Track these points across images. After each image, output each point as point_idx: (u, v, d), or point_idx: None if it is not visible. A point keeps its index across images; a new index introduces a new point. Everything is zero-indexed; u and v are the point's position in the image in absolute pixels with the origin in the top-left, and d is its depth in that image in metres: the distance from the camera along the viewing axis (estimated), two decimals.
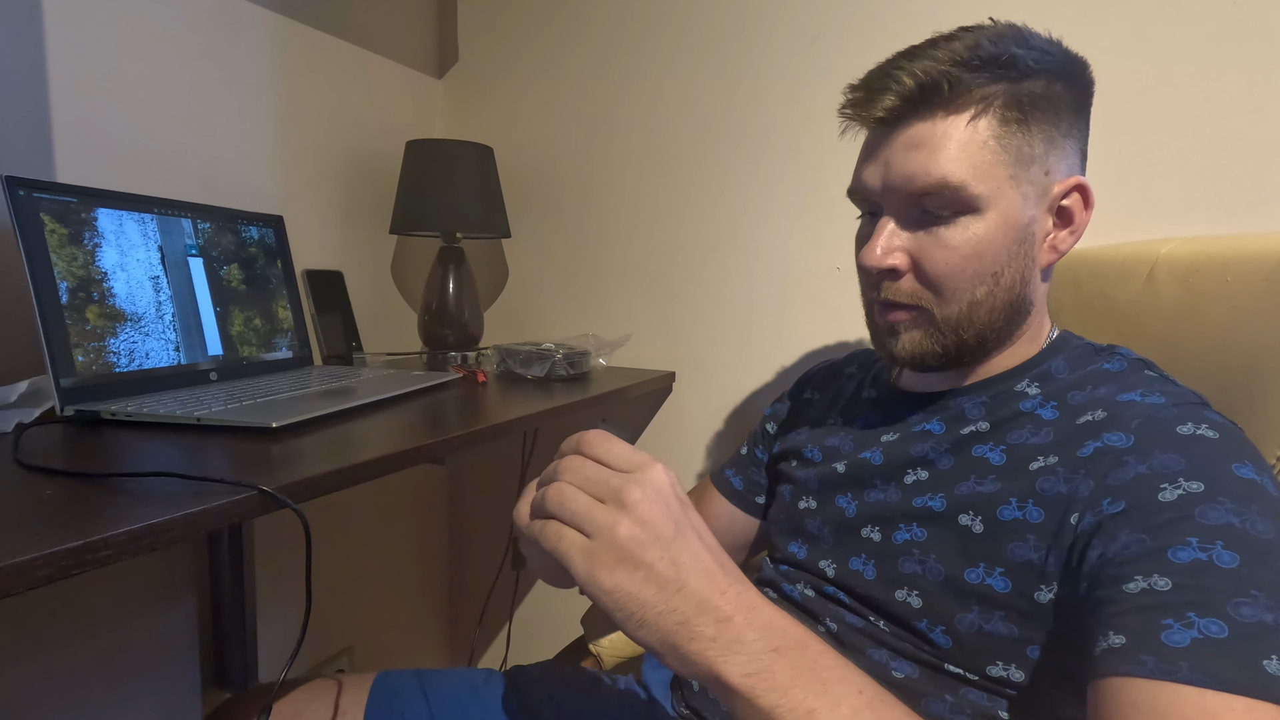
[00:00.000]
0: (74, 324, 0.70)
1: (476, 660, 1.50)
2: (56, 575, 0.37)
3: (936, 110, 0.52)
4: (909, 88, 0.51)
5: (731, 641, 0.36)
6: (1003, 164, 0.52)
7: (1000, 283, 0.54)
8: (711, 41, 1.15)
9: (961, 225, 0.53)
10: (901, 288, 0.56)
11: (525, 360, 1.06)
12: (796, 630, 0.38)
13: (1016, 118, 0.52)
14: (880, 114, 0.53)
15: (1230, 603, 0.38)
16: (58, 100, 0.83)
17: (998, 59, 0.51)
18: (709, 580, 0.37)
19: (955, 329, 0.55)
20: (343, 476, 0.56)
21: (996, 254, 0.53)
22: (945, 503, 0.54)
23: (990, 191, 0.52)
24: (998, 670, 0.49)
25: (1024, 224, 0.53)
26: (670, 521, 0.38)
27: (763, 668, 0.36)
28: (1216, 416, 0.48)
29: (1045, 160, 0.53)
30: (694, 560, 0.38)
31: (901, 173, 0.53)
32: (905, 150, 0.53)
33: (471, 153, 1.17)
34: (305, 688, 0.69)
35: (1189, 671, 0.36)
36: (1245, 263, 0.61)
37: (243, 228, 0.94)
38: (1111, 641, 0.39)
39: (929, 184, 0.52)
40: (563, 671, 0.75)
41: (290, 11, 1.09)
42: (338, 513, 1.24)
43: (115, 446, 0.60)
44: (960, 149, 0.51)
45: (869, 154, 0.56)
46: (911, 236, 0.55)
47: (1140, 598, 0.40)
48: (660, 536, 0.37)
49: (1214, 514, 0.41)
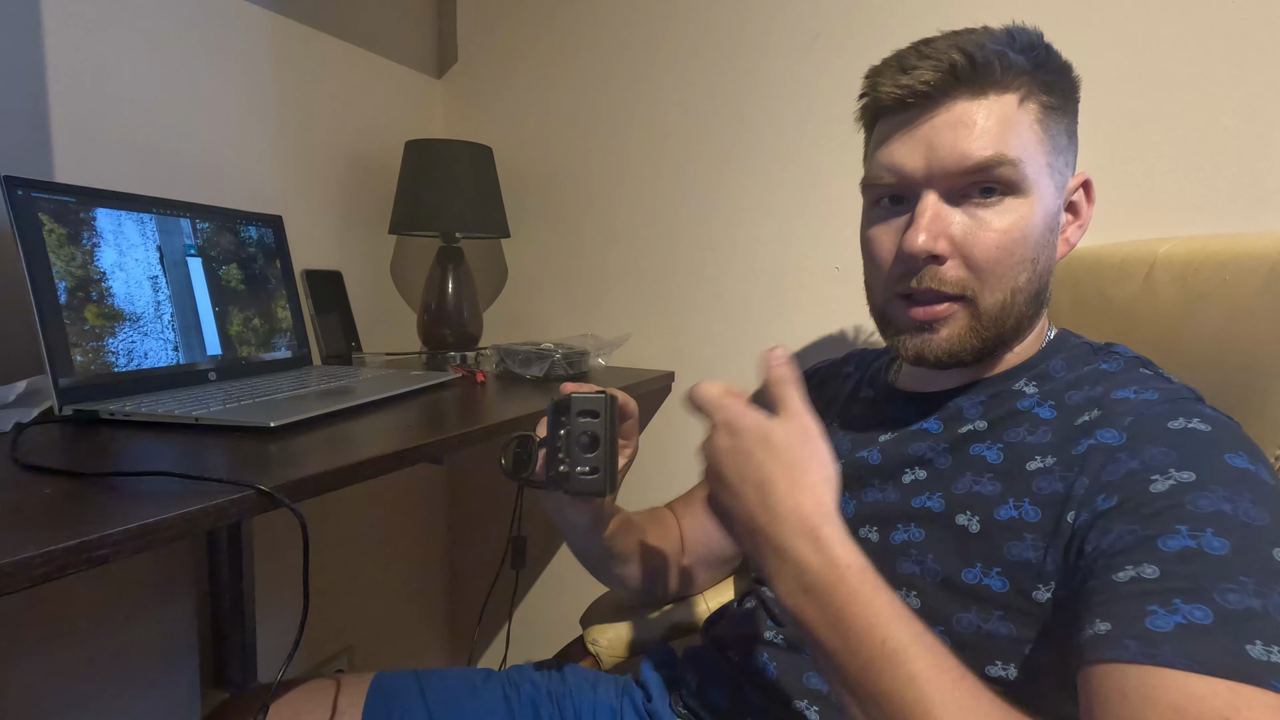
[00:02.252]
0: (72, 324, 0.70)
1: (476, 660, 1.50)
2: (53, 574, 0.37)
3: (987, 89, 0.51)
4: (961, 64, 0.50)
5: (774, 574, 0.44)
6: (1044, 150, 0.52)
7: (1036, 270, 0.54)
8: (710, 41, 1.15)
9: (1006, 207, 0.52)
10: (945, 275, 0.53)
11: (524, 360, 1.06)
12: (831, 573, 0.42)
13: (1054, 105, 0.53)
14: (922, 88, 0.52)
15: (1218, 589, 0.38)
16: (56, 100, 0.83)
17: (1034, 48, 0.52)
18: (791, 504, 0.44)
19: (996, 320, 0.54)
20: (340, 476, 0.56)
21: (1036, 240, 0.53)
22: (944, 503, 0.54)
23: (1034, 174, 0.52)
24: (997, 670, 0.49)
25: (1053, 212, 0.54)
26: (734, 473, 0.46)
27: (796, 605, 0.43)
28: (1210, 411, 0.48)
29: (1067, 152, 0.55)
30: (811, 484, 0.45)
31: (952, 150, 0.51)
32: (954, 128, 0.51)
33: (470, 153, 1.17)
34: (303, 688, 0.68)
35: (1171, 655, 0.36)
36: (1243, 262, 0.61)
37: (242, 227, 0.94)
38: (1097, 628, 0.40)
39: (984, 159, 0.50)
40: (561, 671, 0.75)
41: (289, 11, 1.09)
42: (337, 513, 1.24)
43: (113, 446, 0.60)
44: (1013, 127, 0.51)
45: (901, 135, 0.54)
46: (955, 221, 0.53)
47: (1128, 585, 0.40)
48: (727, 482, 0.47)
49: (1205, 502, 0.41)
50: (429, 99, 1.39)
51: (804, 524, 0.43)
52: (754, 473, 0.45)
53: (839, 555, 0.42)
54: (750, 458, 0.45)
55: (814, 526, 0.43)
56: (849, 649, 0.40)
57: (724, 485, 0.47)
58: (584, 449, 0.53)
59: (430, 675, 0.72)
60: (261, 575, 1.05)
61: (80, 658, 0.88)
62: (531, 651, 1.39)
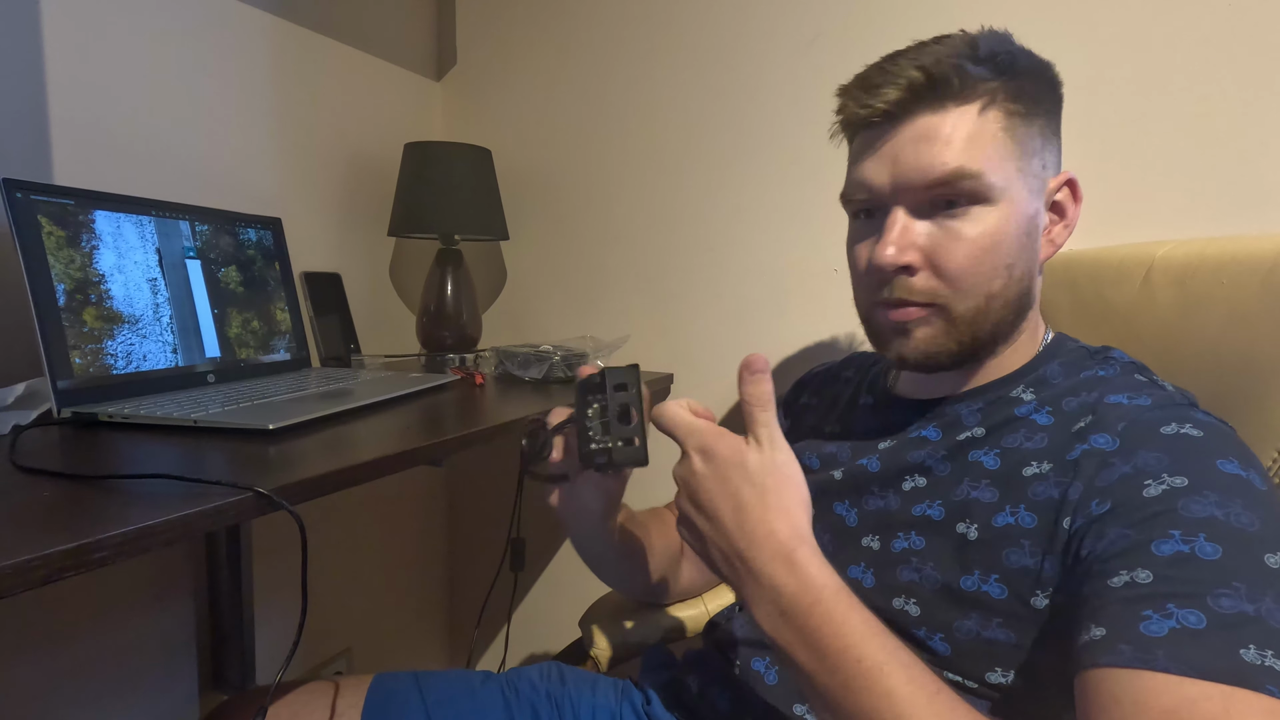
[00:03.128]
0: (71, 326, 0.70)
1: (475, 662, 1.49)
2: (52, 577, 0.37)
3: (946, 102, 0.52)
4: (918, 80, 0.51)
5: (751, 598, 0.45)
6: (1011, 155, 0.52)
7: (1013, 275, 0.54)
8: (709, 43, 1.15)
9: (975, 217, 0.52)
10: (916, 285, 0.54)
11: (523, 362, 1.06)
12: (807, 596, 0.43)
13: (1020, 111, 0.53)
14: (884, 106, 0.53)
15: (1211, 593, 0.38)
16: (56, 102, 0.83)
17: (996, 55, 0.52)
18: (768, 533, 0.45)
19: (971, 325, 0.54)
20: (339, 478, 0.56)
21: (1009, 246, 0.53)
22: (943, 511, 0.54)
23: (1002, 182, 0.52)
24: (997, 676, 0.49)
25: (1030, 216, 0.54)
26: (709, 498, 0.47)
27: (773, 628, 0.44)
28: (1203, 416, 0.48)
29: (1043, 154, 0.55)
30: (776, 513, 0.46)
31: (914, 165, 0.52)
32: (915, 143, 0.52)
33: (469, 155, 1.17)
34: (302, 690, 0.68)
35: (1165, 660, 0.36)
36: (1240, 265, 0.61)
37: (241, 230, 0.94)
38: (1093, 634, 0.40)
39: (945, 174, 0.51)
40: (560, 674, 0.75)
41: (289, 14, 1.09)
42: (336, 515, 1.24)
43: (112, 448, 0.60)
44: (973, 139, 0.51)
45: (870, 152, 0.55)
46: (924, 232, 0.54)
47: (1122, 590, 0.40)
48: (702, 506, 0.48)
49: (1197, 507, 0.41)
50: (428, 101, 1.39)
51: (780, 548, 0.44)
52: (729, 497, 0.46)
53: (814, 577, 0.43)
54: (726, 483, 0.47)
55: (789, 550, 0.44)
56: (826, 669, 0.41)
57: (699, 509, 0.48)
58: (621, 421, 0.54)
59: (429, 677, 0.72)
60: (260, 577, 1.05)
61: (79, 659, 0.88)
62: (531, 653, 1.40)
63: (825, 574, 0.44)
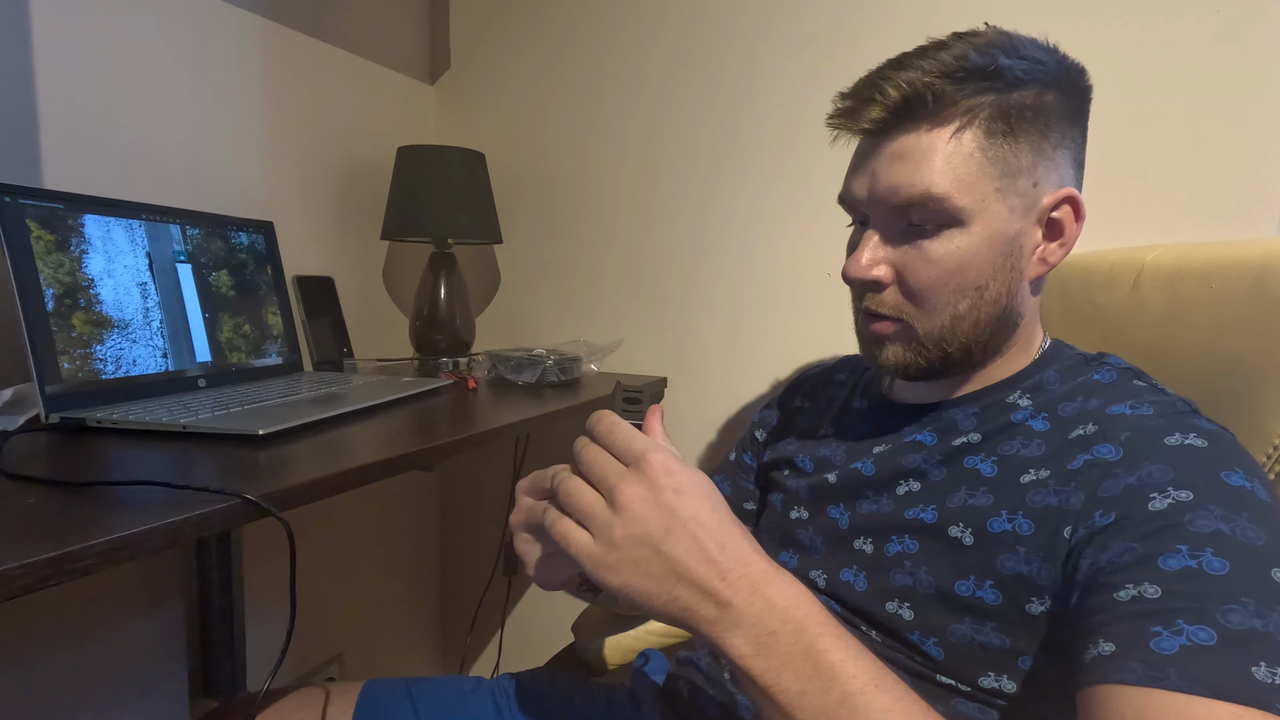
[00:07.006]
0: (60, 331, 0.69)
1: (468, 667, 1.49)
2: (35, 585, 0.37)
3: (921, 122, 0.52)
4: (894, 99, 0.51)
5: (731, 625, 0.39)
6: (988, 176, 0.51)
7: (985, 296, 0.53)
8: (703, 46, 1.15)
9: (945, 238, 0.52)
10: (884, 300, 0.55)
11: (516, 366, 1.06)
12: (799, 612, 0.39)
13: (1003, 129, 0.51)
14: (866, 125, 0.53)
15: (1220, 610, 0.38)
16: (45, 106, 0.82)
17: (984, 70, 0.51)
18: (708, 566, 0.40)
19: (938, 343, 0.55)
20: (329, 484, 0.55)
21: (981, 267, 0.53)
22: (937, 515, 0.54)
23: (974, 204, 0.51)
24: (990, 681, 0.49)
25: (1010, 237, 0.53)
26: (660, 518, 0.40)
27: (758, 650, 0.39)
28: (1206, 424, 0.48)
29: (1033, 172, 0.53)
30: (689, 551, 0.40)
31: (886, 184, 0.53)
32: (891, 162, 0.53)
33: (463, 158, 1.17)
34: (291, 696, 0.68)
35: (1177, 678, 0.36)
36: (1229, 270, 0.61)
37: (232, 234, 0.94)
38: (1101, 649, 0.39)
39: (912, 196, 0.52)
40: (554, 678, 0.74)
41: (281, 17, 1.09)
42: (328, 519, 1.23)
43: (100, 454, 0.60)
44: (945, 161, 0.51)
45: (858, 164, 0.56)
46: (896, 249, 0.54)
47: (1130, 605, 0.40)
48: (650, 536, 0.40)
49: (1203, 521, 0.41)
50: (422, 104, 1.39)
51: (754, 576, 0.40)
52: (684, 522, 0.40)
53: (790, 601, 0.40)
54: (673, 507, 0.40)
55: (763, 570, 0.41)
56: (821, 687, 0.38)
57: (643, 543, 0.40)
58: None
59: (420, 683, 0.71)
60: (251, 582, 1.04)
61: (68, 665, 0.87)
62: (524, 658, 1.39)
63: (800, 588, 0.41)
